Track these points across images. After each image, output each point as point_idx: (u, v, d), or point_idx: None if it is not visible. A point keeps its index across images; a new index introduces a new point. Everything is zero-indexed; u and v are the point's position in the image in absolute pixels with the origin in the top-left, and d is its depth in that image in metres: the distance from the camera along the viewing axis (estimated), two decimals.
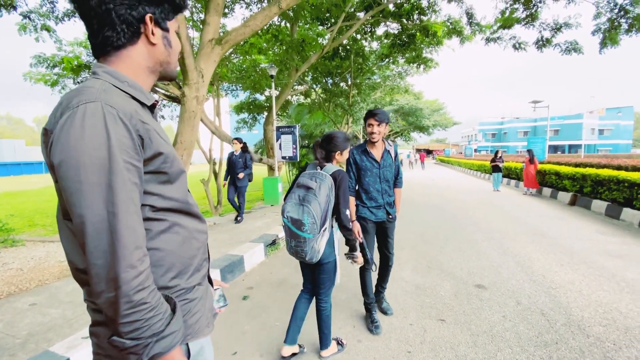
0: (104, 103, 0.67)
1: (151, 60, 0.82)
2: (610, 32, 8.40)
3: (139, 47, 0.79)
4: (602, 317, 2.79)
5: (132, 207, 0.68)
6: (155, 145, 0.75)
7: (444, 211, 7.95)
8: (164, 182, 0.79)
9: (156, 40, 0.81)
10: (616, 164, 8.90)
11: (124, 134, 0.68)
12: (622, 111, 51.14)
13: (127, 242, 0.66)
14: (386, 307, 2.94)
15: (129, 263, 0.65)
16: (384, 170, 2.69)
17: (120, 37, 0.76)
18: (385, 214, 2.71)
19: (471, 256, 4.46)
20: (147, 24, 0.78)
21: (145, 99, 0.80)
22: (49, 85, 9.51)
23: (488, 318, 2.80)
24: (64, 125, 0.65)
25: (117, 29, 0.75)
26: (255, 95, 15.78)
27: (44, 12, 7.30)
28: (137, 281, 0.66)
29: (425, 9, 9.89)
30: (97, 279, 0.65)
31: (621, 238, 5.33)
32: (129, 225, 0.67)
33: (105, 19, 0.74)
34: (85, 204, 0.64)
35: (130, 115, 0.71)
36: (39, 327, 2.47)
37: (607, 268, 3.94)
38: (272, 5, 5.50)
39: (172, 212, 0.82)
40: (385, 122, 2.59)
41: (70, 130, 0.65)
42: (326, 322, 2.20)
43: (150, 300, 0.68)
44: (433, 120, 40.84)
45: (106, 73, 0.75)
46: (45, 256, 4.33)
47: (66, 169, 0.64)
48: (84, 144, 0.64)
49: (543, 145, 16.16)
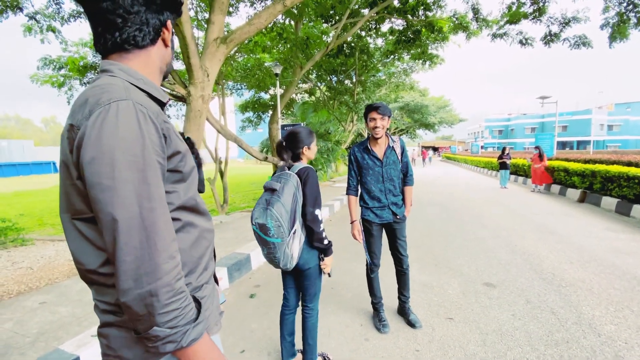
0: (135, 102, 0.69)
1: (163, 60, 0.86)
2: (619, 26, 8.24)
3: (156, 48, 0.83)
4: (614, 315, 2.74)
5: (165, 203, 0.71)
6: (174, 144, 0.77)
7: (449, 209, 7.89)
8: (178, 180, 0.80)
9: (169, 43, 0.86)
10: (626, 160, 8.75)
11: (154, 132, 0.70)
12: (631, 106, 50.25)
13: (166, 235, 0.68)
14: (414, 320, 2.65)
15: (169, 254, 0.68)
16: (387, 168, 2.53)
17: (146, 37, 0.79)
18: (390, 215, 2.56)
19: (479, 254, 4.42)
20: (168, 29, 0.83)
21: (162, 97, 0.82)
22: (55, 87, 9.61)
23: (497, 317, 2.77)
24: (96, 121, 0.65)
25: (145, 30, 0.78)
26: (260, 94, 15.79)
27: (49, 13, 7.36)
28: (177, 270, 0.69)
29: (431, 5, 9.79)
30: (124, 277, 0.65)
31: (632, 235, 5.24)
32: (166, 219, 0.70)
33: (134, 20, 0.76)
34: (118, 200, 0.64)
35: (157, 114, 0.73)
36: (49, 326, 2.50)
37: (617, 266, 3.87)
38: (276, 3, 5.48)
39: (185, 210, 0.82)
40: (387, 115, 2.44)
41: (103, 127, 0.65)
42: (311, 332, 2.03)
43: (185, 290, 0.72)
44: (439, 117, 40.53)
45: (121, 70, 0.76)
46: (54, 255, 4.39)
47: (99, 166, 0.64)
48: (119, 141, 0.65)
49: (551, 141, 15.96)
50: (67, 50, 9.22)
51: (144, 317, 0.67)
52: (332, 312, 2.95)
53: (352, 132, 20.37)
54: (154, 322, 0.67)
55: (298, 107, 17.98)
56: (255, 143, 20.16)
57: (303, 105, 17.97)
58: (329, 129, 17.04)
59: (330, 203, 8.03)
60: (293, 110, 17.85)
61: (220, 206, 9.31)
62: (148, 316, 0.67)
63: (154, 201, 0.67)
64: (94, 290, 0.78)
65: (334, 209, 7.97)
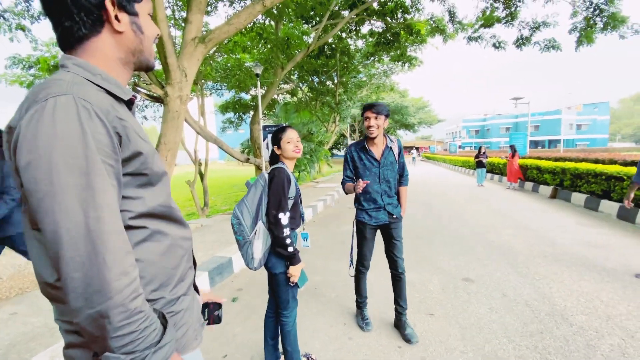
0: (76, 96, 0.60)
1: (121, 50, 0.73)
2: (586, 30, 8.68)
3: (104, 36, 0.70)
4: (584, 306, 2.88)
5: (115, 210, 0.62)
6: (133, 144, 0.68)
7: (430, 206, 8.07)
8: (144, 184, 0.72)
9: (123, 28, 0.71)
10: (593, 157, 9.22)
11: (100, 131, 0.61)
12: (598, 107, 52.98)
13: (116, 248, 0.60)
14: (410, 335, 2.44)
15: (121, 270, 0.60)
16: (384, 169, 2.44)
17: (80, 27, 0.67)
18: (386, 216, 2.47)
19: (458, 250, 4.54)
20: (108, 10, 0.68)
21: (122, 94, 0.72)
22: (24, 87, 9.17)
23: (475, 311, 2.86)
24: (31, 120, 0.57)
25: (75, 18, 0.66)
26: (240, 95, 15.61)
27: (18, 11, 7.02)
28: (131, 288, 0.61)
29: (409, 7, 9.99)
30: (74, 294, 0.57)
31: (600, 229, 5.53)
32: (116, 230, 0.61)
33: (61, 8, 0.66)
34: (58, 209, 0.56)
35: (106, 110, 0.64)
36: (21, 337, 2.38)
37: (587, 258, 4.08)
38: (255, 4, 5.45)
39: (153, 218, 0.75)
40: (383, 114, 2.34)
41: (38, 127, 0.57)
42: (288, 338, 1.96)
43: (145, 309, 0.64)
44: (418, 118, 41.40)
45: (76, 65, 0.67)
46: (25, 263, 4.18)
47: (35, 171, 0.56)
48: (56, 141, 0.56)
49: (524, 140, 16.61)
50: (38, 49, 8.83)
51: (98, 338, 0.60)
52: (316, 312, 2.96)
53: (334, 133, 20.46)
54: (107, 347, 0.60)
55: (280, 107, 17.91)
56: (237, 144, 19.90)
57: (285, 105, 17.91)
58: (311, 130, 17.06)
59: (313, 204, 8.04)
60: (275, 110, 17.75)
61: (201, 209, 9.14)
62: (102, 339, 0.60)
63: (100, 209, 0.59)
64: (55, 308, 0.70)
65: (317, 210, 7.98)
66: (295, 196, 1.89)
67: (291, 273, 1.84)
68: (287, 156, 1.93)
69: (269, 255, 1.86)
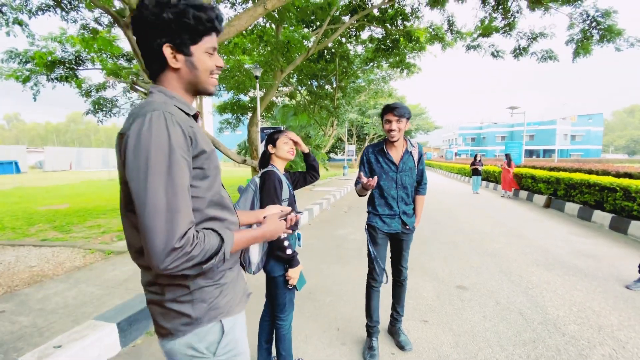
0: (164, 110, 0.84)
1: (181, 81, 0.96)
2: (582, 42, 8.82)
3: (168, 71, 0.95)
4: (577, 315, 2.90)
5: (187, 191, 0.84)
6: (200, 145, 0.90)
7: (425, 213, 8.09)
8: (203, 177, 0.92)
9: (179, 65, 0.93)
10: (587, 168, 9.33)
11: (179, 134, 0.84)
12: (592, 118, 53.72)
13: (184, 217, 0.81)
14: (404, 341, 2.42)
15: (178, 226, 0.80)
16: (402, 174, 2.30)
17: (152, 65, 0.95)
18: (400, 225, 2.33)
19: (453, 257, 4.55)
20: (165, 54, 0.91)
21: (189, 110, 0.96)
22: (20, 81, 9.08)
23: (469, 318, 2.86)
24: (136, 127, 0.82)
25: (150, 59, 0.94)
26: (239, 96, 15.61)
27: (17, 5, 6.97)
28: (190, 233, 0.82)
29: (409, 15, 10.09)
30: (157, 242, 0.78)
31: (593, 239, 5.58)
32: (186, 205, 0.83)
33: (144, 52, 0.93)
34: (149, 186, 0.79)
35: (183, 119, 0.88)
36: (8, 337, 2.34)
37: (580, 268, 4.11)
38: (257, 6, 5.47)
39: (211, 205, 0.95)
40: (405, 116, 2.19)
41: (141, 132, 0.81)
42: (282, 342, 1.95)
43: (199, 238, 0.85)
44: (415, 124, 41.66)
45: (159, 91, 0.94)
46: (14, 261, 4.11)
47: (136, 161, 0.80)
48: (151, 141, 0.80)
49: (520, 149, 16.76)
50: (35, 44, 8.76)
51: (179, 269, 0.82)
52: (309, 316, 2.94)
53: (332, 137, 20.51)
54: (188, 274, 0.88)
55: (278, 110, 17.92)
56: (233, 145, 19.85)
57: (283, 108, 17.92)
58: (309, 133, 17.07)
59: (310, 207, 8.03)
60: (273, 113, 17.76)
61: None
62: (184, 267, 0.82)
63: (176, 188, 0.81)
64: (142, 274, 0.97)
65: (314, 213, 7.97)
66: (289, 197, 1.89)
67: (290, 276, 1.83)
68: (281, 156, 1.92)
69: (267, 259, 1.85)
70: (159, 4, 0.87)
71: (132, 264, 3.95)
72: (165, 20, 0.87)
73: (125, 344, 2.43)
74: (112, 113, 11.54)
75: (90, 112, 11.37)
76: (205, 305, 0.94)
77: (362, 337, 2.57)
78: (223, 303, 0.98)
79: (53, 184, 16.99)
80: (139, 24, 0.89)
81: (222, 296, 0.98)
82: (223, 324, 0.97)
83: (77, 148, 42.49)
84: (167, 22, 0.87)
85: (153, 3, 0.87)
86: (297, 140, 1.97)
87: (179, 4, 0.88)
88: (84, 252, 4.50)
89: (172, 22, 0.88)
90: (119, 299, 2.94)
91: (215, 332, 0.96)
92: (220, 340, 0.97)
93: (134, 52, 5.99)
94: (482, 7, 9.52)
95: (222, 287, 0.98)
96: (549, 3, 8.45)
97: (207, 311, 0.94)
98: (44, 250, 4.60)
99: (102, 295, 3.05)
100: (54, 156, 33.54)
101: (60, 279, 3.49)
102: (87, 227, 6.22)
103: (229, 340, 0.99)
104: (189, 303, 0.92)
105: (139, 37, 0.91)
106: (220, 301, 0.97)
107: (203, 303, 0.93)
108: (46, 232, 5.82)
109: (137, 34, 0.91)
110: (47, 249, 4.63)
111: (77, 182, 17.93)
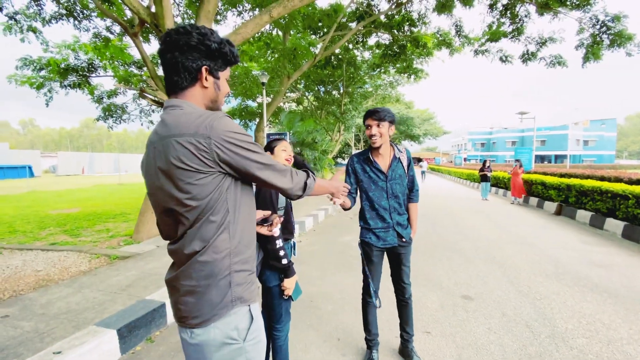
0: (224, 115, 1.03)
1: (205, 98, 1.11)
2: (592, 47, 8.67)
3: (196, 87, 1.08)
4: (586, 328, 2.80)
5: None
6: None
7: (432, 219, 7.99)
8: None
9: (208, 85, 1.09)
10: (599, 174, 9.11)
11: None
12: (605, 123, 52.68)
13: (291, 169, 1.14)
14: None
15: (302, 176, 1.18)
16: (392, 183, 2.17)
17: (184, 81, 1.06)
18: (395, 237, 2.20)
19: (459, 266, 4.47)
20: (202, 73, 1.06)
21: None
22: (34, 88, 9.32)
23: (473, 330, 2.79)
24: (225, 122, 1.00)
25: (182, 75, 1.05)
26: (247, 102, 15.76)
27: (30, 14, 7.19)
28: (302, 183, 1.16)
29: (416, 21, 10.08)
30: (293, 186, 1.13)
31: (605, 248, 5.42)
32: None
33: (176, 69, 1.04)
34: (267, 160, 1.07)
35: None
36: (10, 342, 2.36)
37: (590, 278, 3.99)
38: (263, 14, 5.53)
39: (248, 203, 1.12)
40: (387, 120, 2.08)
41: (222, 123, 0.99)
42: (279, 353, 1.92)
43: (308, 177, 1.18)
44: (424, 130, 41.43)
45: (189, 106, 1.05)
46: (21, 265, 4.18)
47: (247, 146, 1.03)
48: (237, 128, 1.02)
49: (530, 155, 16.49)
50: (48, 51, 8.99)
51: None
52: (310, 325, 2.91)
53: (339, 142, 20.50)
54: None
55: (285, 115, 18.04)
56: None
57: (290, 114, 18.04)
58: (315, 138, 17.13)
59: (314, 213, 8.00)
60: (280, 119, 17.88)
61: None
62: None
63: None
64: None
65: (319, 219, 7.94)
66: (286, 205, 1.87)
67: (285, 286, 1.80)
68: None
69: (262, 269, 1.83)
70: (204, 35, 1.04)
71: (136, 269, 3.98)
72: (210, 48, 1.05)
73: (125, 350, 2.43)
74: (122, 119, 11.75)
75: (101, 119, 11.60)
76: (239, 289, 1.03)
77: (363, 348, 2.52)
78: (251, 289, 1.08)
79: (65, 188, 17.33)
80: (182, 45, 1.02)
81: (251, 283, 1.09)
82: (251, 310, 1.07)
83: (89, 153, 43.34)
84: (211, 50, 1.05)
85: (199, 32, 1.04)
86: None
87: (218, 38, 1.07)
88: (90, 256, 4.55)
89: (215, 51, 1.06)
90: (120, 304, 2.96)
91: (246, 319, 1.05)
92: (250, 326, 1.05)
93: (144, 60, 6.11)
94: (490, 12, 9.46)
95: (252, 275, 1.10)
96: (558, 8, 8.35)
97: (241, 295, 1.03)
98: (51, 254, 4.67)
99: (104, 301, 3.07)
100: (66, 161, 34.29)
101: (65, 284, 3.53)
102: (96, 231, 6.30)
103: (255, 327, 1.07)
104: (227, 285, 1.01)
105: (177, 56, 1.03)
106: (250, 287, 1.08)
107: (238, 286, 1.03)
108: (56, 236, 5.92)
109: (174, 52, 1.03)
110: (54, 254, 4.70)
111: (88, 186, 18.26)
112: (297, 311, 3.11)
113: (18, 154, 31.52)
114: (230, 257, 1.01)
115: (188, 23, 1.00)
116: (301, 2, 5.72)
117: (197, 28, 1.05)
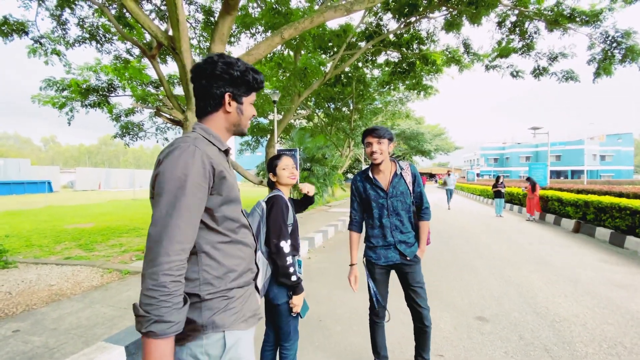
0: (192, 144, 1.01)
1: (228, 122, 1.17)
2: (604, 62, 8.59)
3: (219, 113, 1.15)
4: (607, 352, 2.66)
5: (186, 214, 0.94)
6: (220, 173, 1.05)
7: (444, 236, 7.83)
8: (225, 202, 1.07)
9: (231, 110, 1.15)
10: (617, 190, 8.84)
11: (198, 164, 0.98)
12: (622, 137, 51.44)
13: (172, 236, 0.90)
14: None
15: (166, 251, 0.89)
16: (392, 200, 2.15)
17: (208, 106, 1.14)
18: (397, 255, 2.16)
19: (472, 285, 4.34)
20: (226, 100, 1.13)
21: (222, 146, 1.15)
22: (57, 107, 9.73)
23: (489, 354, 2.68)
24: (167, 154, 0.99)
25: (207, 101, 1.13)
26: (258, 119, 16.07)
27: (55, 37, 7.59)
28: (167, 266, 0.88)
29: (424, 39, 10.22)
30: (145, 260, 0.90)
31: (626, 267, 5.19)
32: (178, 225, 0.92)
33: (204, 96, 1.13)
34: (161, 202, 0.93)
35: (208, 154, 1.03)
36: (20, 356, 2.39)
37: (611, 299, 3.81)
38: (275, 36, 5.71)
39: (228, 228, 1.09)
40: (386, 137, 2.11)
41: (169, 157, 0.98)
42: None
43: (170, 288, 0.88)
44: (435, 145, 41.22)
45: (200, 128, 1.12)
46: (36, 279, 4.26)
47: (159, 180, 0.96)
48: (173, 167, 0.96)
49: (544, 170, 16.13)
50: (71, 72, 9.43)
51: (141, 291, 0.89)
52: (318, 346, 2.85)
53: (348, 158, 20.56)
54: (139, 300, 0.89)
55: (296, 132, 18.28)
56: (253, 166, 20.26)
57: (301, 130, 18.27)
58: (325, 154, 17.23)
59: (324, 229, 7.96)
60: (291, 135, 18.12)
61: None
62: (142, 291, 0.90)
63: (175, 209, 0.92)
64: None
65: (328, 235, 7.89)
66: (293, 223, 1.88)
67: (294, 303, 1.78)
68: (283, 182, 1.94)
69: (270, 286, 1.81)
70: (229, 64, 1.10)
71: None
72: (233, 76, 1.11)
73: None
74: (139, 137, 12.11)
75: (119, 136, 11.99)
76: (210, 313, 1.02)
77: None
78: (228, 316, 1.05)
79: (82, 203, 17.77)
80: (208, 74, 1.10)
81: (228, 309, 1.05)
82: (225, 337, 1.03)
83: (106, 169, 44.58)
84: (234, 77, 1.12)
85: (224, 62, 1.11)
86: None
87: (242, 67, 1.13)
88: (102, 271, 4.61)
89: (237, 78, 1.12)
90: (129, 320, 2.97)
91: (218, 346, 1.02)
92: (222, 355, 1.02)
93: (160, 80, 6.36)
94: (498, 30, 9.53)
95: (228, 301, 1.06)
96: (568, 24, 8.35)
97: (212, 320, 1.01)
98: (64, 269, 4.75)
99: (114, 317, 3.09)
100: (84, 176, 35.31)
101: (76, 299, 3.58)
102: (109, 246, 6.40)
103: (231, 357, 1.04)
104: (198, 309, 1.01)
105: (202, 83, 1.11)
106: (226, 313, 1.04)
107: (209, 311, 1.02)
108: (71, 250, 6.03)
109: (202, 80, 1.11)
110: (67, 268, 4.79)
111: (104, 202, 18.68)
112: (305, 331, 3.05)
113: (38, 170, 32.67)
114: (199, 287, 1.02)
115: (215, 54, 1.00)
116: (312, 24, 5.89)
117: (223, 57, 1.12)
